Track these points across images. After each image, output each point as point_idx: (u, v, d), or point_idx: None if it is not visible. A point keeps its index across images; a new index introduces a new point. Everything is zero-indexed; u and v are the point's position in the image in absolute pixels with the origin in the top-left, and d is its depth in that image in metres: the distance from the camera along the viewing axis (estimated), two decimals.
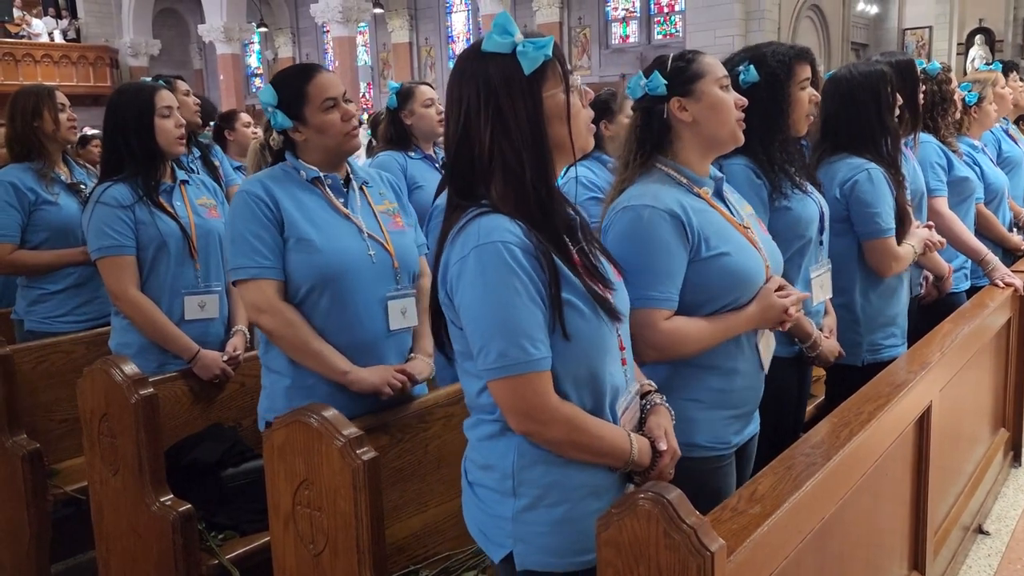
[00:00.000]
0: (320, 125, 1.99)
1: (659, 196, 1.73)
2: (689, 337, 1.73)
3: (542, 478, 1.39)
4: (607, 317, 1.38)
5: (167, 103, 2.54)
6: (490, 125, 1.34)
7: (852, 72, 2.58)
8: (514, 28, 1.34)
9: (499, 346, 1.31)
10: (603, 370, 1.40)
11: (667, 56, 1.85)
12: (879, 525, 2.10)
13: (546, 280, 1.32)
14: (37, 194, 3.00)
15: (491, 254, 1.30)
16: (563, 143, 1.38)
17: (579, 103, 1.40)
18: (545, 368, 1.33)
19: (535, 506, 1.40)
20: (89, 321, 3.07)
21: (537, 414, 1.34)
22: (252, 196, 1.94)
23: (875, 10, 16.99)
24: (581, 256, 1.41)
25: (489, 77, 1.34)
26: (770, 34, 12.68)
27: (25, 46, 18.32)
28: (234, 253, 1.96)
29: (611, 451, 1.40)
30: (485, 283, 1.31)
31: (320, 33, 21.94)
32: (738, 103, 1.81)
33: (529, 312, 1.30)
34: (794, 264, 2.21)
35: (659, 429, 1.48)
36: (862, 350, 2.54)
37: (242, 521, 2.30)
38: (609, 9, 18.47)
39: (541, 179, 1.35)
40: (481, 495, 1.45)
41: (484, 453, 1.44)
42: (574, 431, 1.36)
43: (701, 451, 1.79)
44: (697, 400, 1.79)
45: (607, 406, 1.42)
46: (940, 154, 3.13)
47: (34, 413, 2.74)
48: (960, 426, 2.79)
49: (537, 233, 1.34)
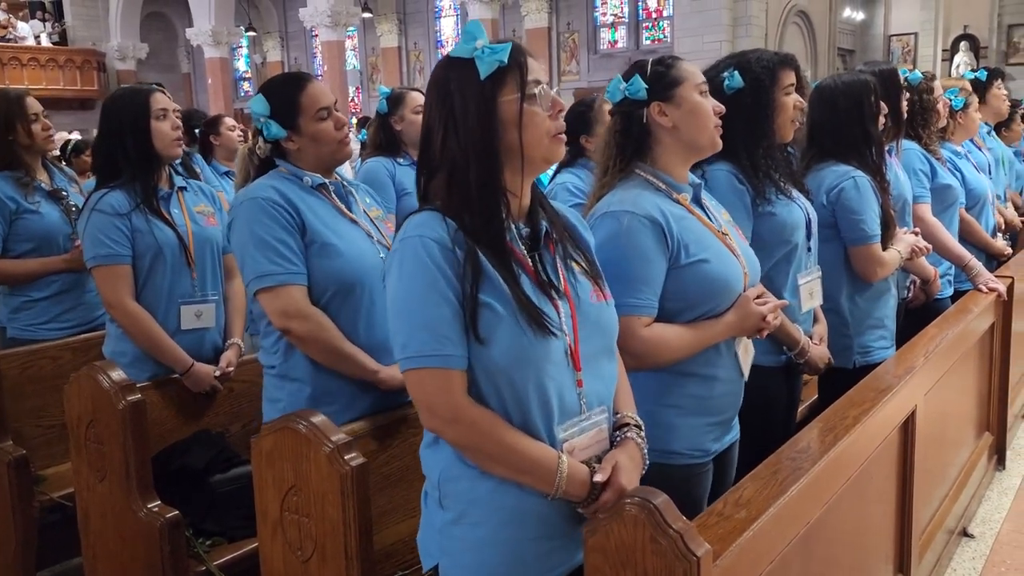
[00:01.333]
0: (315, 134, 2.00)
1: (639, 202, 1.73)
2: (668, 344, 1.73)
3: (466, 493, 1.37)
4: (534, 329, 1.32)
5: (162, 105, 2.52)
6: (442, 124, 1.37)
7: (837, 82, 2.62)
8: (481, 35, 1.37)
9: (404, 337, 1.33)
10: (526, 383, 1.33)
11: (646, 60, 1.85)
12: (865, 529, 2.11)
13: (462, 279, 1.31)
14: (18, 203, 2.96)
15: (410, 249, 1.32)
16: (515, 149, 1.37)
17: (539, 113, 1.38)
18: (452, 366, 1.31)
19: (459, 521, 1.38)
20: (73, 328, 3.05)
21: (440, 410, 1.32)
22: (270, 202, 1.93)
23: (861, 16, 17.13)
24: (535, 263, 1.39)
25: (448, 80, 1.38)
26: (757, 40, 12.75)
27: (11, 49, 18.20)
28: (256, 260, 1.92)
29: (530, 469, 1.33)
30: (400, 275, 1.33)
31: (309, 37, 21.90)
32: (716, 109, 1.82)
33: (437, 308, 1.30)
34: (781, 271, 2.23)
35: (608, 461, 1.38)
36: (852, 353, 2.56)
37: (230, 527, 2.29)
38: (598, 14, 18.52)
39: (486, 180, 1.35)
40: (427, 503, 1.45)
41: (423, 462, 1.45)
42: (480, 436, 1.32)
43: (679, 458, 1.79)
44: (676, 406, 1.79)
45: (540, 426, 1.35)
46: (923, 161, 3.17)
47: (20, 419, 2.72)
48: (945, 430, 2.81)
49: (472, 233, 1.33)
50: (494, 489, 1.36)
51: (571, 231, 1.52)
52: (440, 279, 1.30)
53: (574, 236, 1.51)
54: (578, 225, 1.57)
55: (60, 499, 2.60)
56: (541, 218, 1.45)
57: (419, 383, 1.33)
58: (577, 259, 1.47)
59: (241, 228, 1.95)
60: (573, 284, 1.43)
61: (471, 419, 1.32)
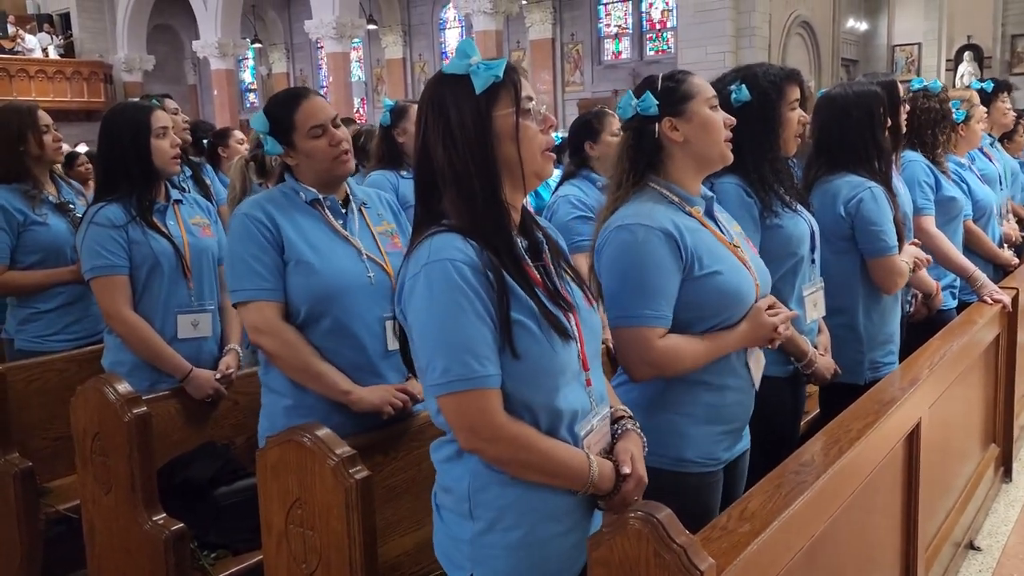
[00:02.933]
0: (308, 151, 2.02)
1: (653, 215, 1.76)
2: (683, 355, 1.75)
3: (497, 500, 1.39)
4: (559, 337, 1.38)
5: (163, 123, 2.55)
6: (442, 142, 1.38)
7: (847, 91, 2.60)
8: (474, 52, 1.39)
9: (443, 362, 1.32)
10: (557, 391, 1.39)
11: (656, 76, 1.87)
12: (870, 542, 2.11)
13: (495, 299, 1.33)
14: (26, 215, 2.99)
15: (439, 272, 1.32)
16: (512, 164, 1.40)
17: (532, 127, 1.41)
18: (491, 385, 1.33)
19: (491, 529, 1.39)
20: (80, 339, 3.07)
21: (482, 431, 1.34)
22: (252, 219, 1.97)
23: (865, 27, 17.14)
24: (541, 275, 1.43)
25: (443, 96, 1.40)
26: (760, 50, 12.77)
27: (19, 62, 18.33)
28: (234, 275, 1.98)
29: (566, 472, 1.38)
30: (432, 301, 1.33)
31: (314, 49, 22.02)
32: (727, 122, 1.84)
33: (475, 329, 1.31)
34: (787, 282, 2.24)
35: (625, 453, 1.46)
36: (864, 368, 2.54)
37: (235, 540, 2.29)
38: (601, 26, 18.59)
39: (489, 194, 1.38)
40: (445, 517, 1.46)
41: (444, 475, 1.46)
42: (522, 450, 1.35)
43: (691, 466, 1.81)
44: (688, 415, 1.81)
45: (564, 428, 1.41)
46: (928, 173, 3.17)
47: (26, 431, 2.72)
48: (950, 442, 2.80)
49: (491, 251, 1.35)
50: (524, 493, 1.39)
51: (556, 242, 1.56)
52: (476, 300, 1.32)
53: (558, 247, 1.55)
54: (555, 235, 1.60)
55: (66, 511, 2.60)
56: (535, 231, 1.49)
57: (460, 406, 1.34)
58: (566, 268, 1.52)
59: (228, 243, 2.04)
60: (571, 292, 1.48)
61: (512, 436, 1.35)
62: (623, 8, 18.31)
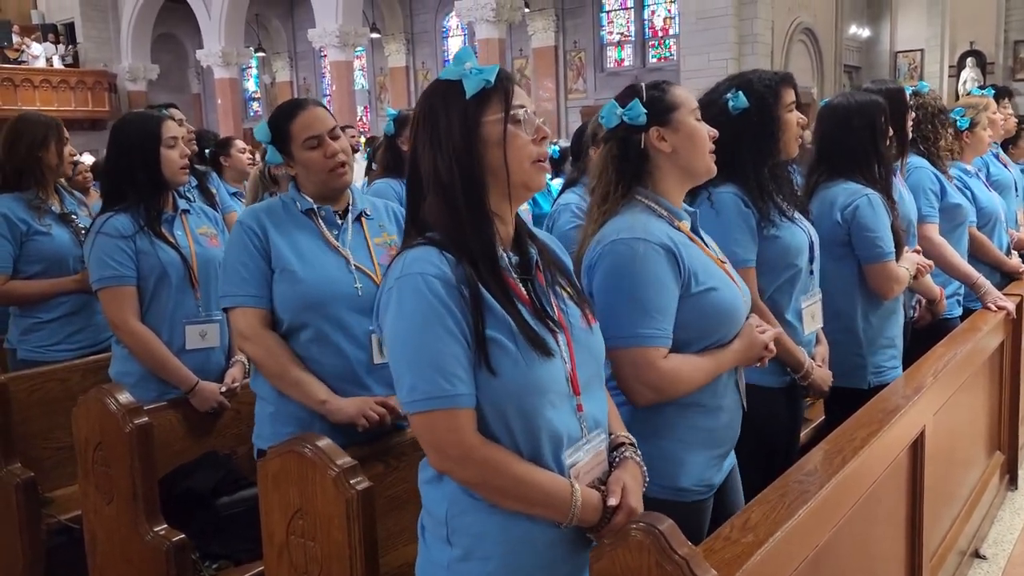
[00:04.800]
0: (304, 162, 2.04)
1: (650, 229, 1.70)
2: (686, 376, 1.68)
3: (474, 527, 1.34)
4: (538, 355, 1.31)
5: (173, 133, 2.56)
6: (428, 141, 1.36)
7: (850, 100, 2.62)
8: (470, 58, 1.38)
9: (411, 379, 1.28)
10: (538, 413, 1.31)
11: (639, 85, 1.82)
12: (874, 551, 2.09)
13: (469, 314, 1.28)
14: (29, 225, 3.00)
15: (410, 286, 1.29)
16: (499, 171, 1.35)
17: (522, 136, 1.36)
18: (461, 405, 1.27)
19: (468, 557, 1.34)
20: (82, 349, 3.07)
21: (451, 451, 1.28)
22: (245, 227, 2.01)
23: (867, 33, 17.15)
24: (529, 291, 1.37)
25: (434, 101, 1.38)
26: (763, 57, 12.78)
27: (24, 71, 18.43)
28: (224, 281, 2.04)
29: (544, 501, 1.31)
30: (402, 315, 1.29)
31: (317, 57, 22.08)
32: (711, 134, 1.80)
33: (445, 346, 1.26)
34: (784, 293, 2.22)
35: (616, 484, 1.37)
36: (867, 372, 2.54)
37: (236, 550, 2.28)
38: (604, 33, 18.63)
39: (472, 202, 1.33)
40: (428, 540, 1.41)
41: (425, 497, 1.42)
42: (492, 473, 1.29)
43: (688, 495, 1.75)
44: (684, 441, 1.74)
45: (548, 454, 1.33)
46: (933, 180, 3.16)
47: (29, 441, 2.72)
48: (955, 450, 2.79)
49: (468, 265, 1.31)
50: (504, 521, 1.33)
51: (554, 257, 1.50)
52: (447, 316, 1.27)
53: (558, 263, 1.50)
54: (557, 250, 1.55)
55: (68, 521, 2.60)
56: (529, 246, 1.43)
57: (428, 425, 1.29)
58: (564, 285, 1.46)
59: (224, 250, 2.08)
60: (564, 311, 1.42)
61: (483, 458, 1.29)
62: (625, 16, 18.36)
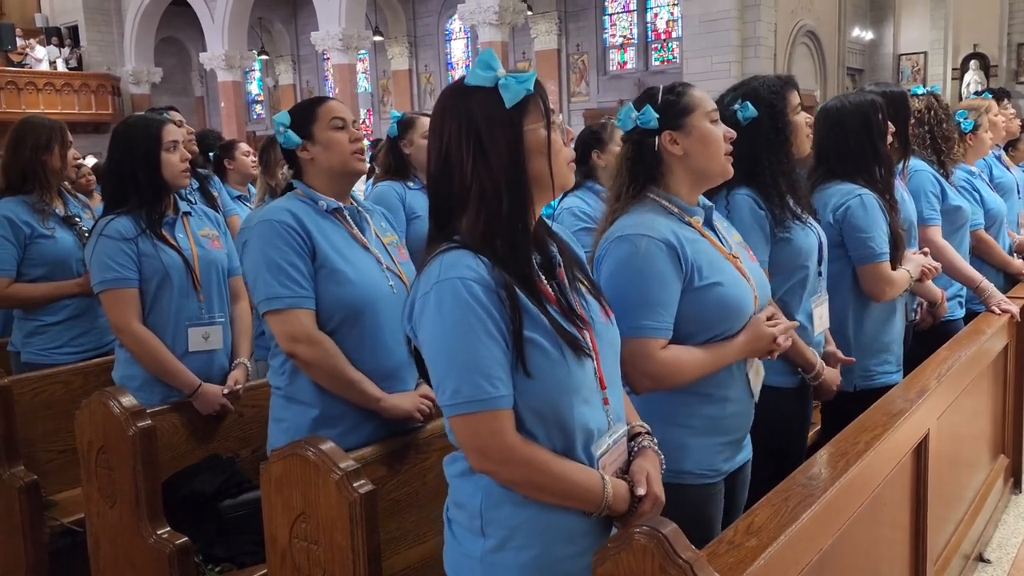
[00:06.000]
0: (327, 142, 2.03)
1: (655, 225, 1.74)
2: (684, 367, 1.73)
3: (509, 519, 1.37)
4: (574, 355, 1.35)
5: (173, 137, 2.56)
6: (471, 156, 1.34)
7: (843, 102, 2.63)
8: (497, 64, 1.36)
9: (454, 383, 1.30)
10: (571, 410, 1.35)
11: (656, 88, 1.86)
12: (878, 555, 2.09)
13: (507, 317, 1.30)
14: (32, 228, 3.00)
15: (449, 291, 1.29)
16: (543, 178, 1.38)
17: (560, 140, 1.40)
18: (503, 406, 1.30)
19: (503, 547, 1.37)
20: (86, 352, 3.08)
21: (493, 453, 1.31)
22: (283, 225, 1.94)
23: (870, 36, 17.14)
24: (556, 292, 1.40)
25: (471, 110, 1.35)
26: (766, 60, 12.78)
27: (28, 74, 18.45)
28: (267, 282, 1.93)
29: (580, 494, 1.35)
30: (443, 319, 1.30)
31: (320, 60, 22.10)
32: (727, 136, 1.82)
33: (486, 349, 1.29)
34: (795, 295, 2.23)
35: (641, 473, 1.42)
36: (854, 375, 2.55)
37: (239, 553, 2.29)
38: (607, 36, 18.63)
39: (518, 212, 1.35)
40: (457, 533, 1.43)
41: (456, 490, 1.44)
42: (534, 472, 1.33)
43: (691, 478, 1.79)
44: (687, 426, 1.79)
45: (579, 448, 1.38)
46: (934, 183, 3.16)
47: (32, 444, 2.73)
48: (959, 453, 2.78)
49: (503, 268, 1.32)
50: (537, 513, 1.36)
51: (572, 253, 1.52)
52: (487, 319, 1.29)
53: (575, 257, 1.52)
54: (572, 243, 1.57)
55: (71, 524, 2.60)
56: (549, 244, 1.46)
57: (471, 427, 1.31)
58: (582, 279, 1.49)
59: (254, 249, 1.96)
60: (586, 307, 1.44)
61: (523, 458, 1.32)
62: (628, 18, 18.35)
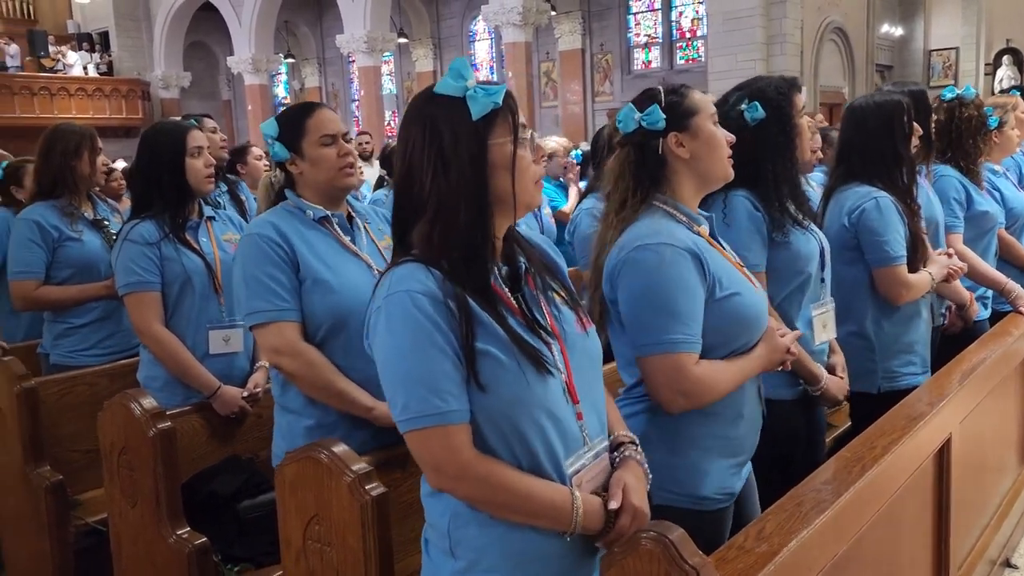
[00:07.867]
0: (315, 158, 2.02)
1: (675, 234, 1.69)
2: (720, 382, 1.67)
3: (475, 540, 1.32)
4: (534, 368, 1.29)
5: (198, 143, 2.60)
6: (431, 165, 1.30)
7: (868, 102, 2.60)
8: (469, 74, 1.32)
9: (403, 398, 1.27)
10: (536, 425, 1.30)
11: (656, 89, 1.81)
12: (899, 561, 2.06)
13: (458, 330, 1.26)
14: (61, 231, 3.07)
15: (397, 304, 1.27)
16: (506, 195, 1.33)
17: (528, 157, 1.35)
18: (455, 421, 1.26)
19: (472, 569, 1.33)
20: (113, 354, 3.13)
21: (448, 469, 1.27)
22: (264, 238, 1.95)
23: (900, 32, 16.89)
24: (521, 304, 1.35)
25: (436, 118, 1.31)
26: (792, 57, 12.64)
27: (60, 80, 18.78)
28: (248, 296, 1.95)
29: (546, 512, 1.29)
30: (391, 334, 1.28)
31: (346, 63, 22.26)
32: (728, 139, 1.79)
33: (435, 363, 1.25)
34: (794, 301, 2.19)
35: (617, 485, 1.35)
36: (877, 377, 2.51)
37: (258, 553, 2.31)
38: (631, 35, 18.55)
39: (477, 224, 1.30)
40: (431, 554, 1.40)
41: (428, 510, 1.41)
42: (492, 489, 1.28)
43: (710, 503, 1.74)
44: (706, 449, 1.74)
45: (547, 464, 1.32)
46: (959, 189, 3.11)
47: (58, 444, 2.78)
48: (984, 457, 2.73)
49: (457, 281, 1.28)
50: (506, 533, 1.32)
51: (545, 260, 1.47)
52: (435, 333, 1.25)
53: (549, 265, 1.47)
54: (549, 250, 1.52)
55: (95, 524, 2.64)
56: (518, 255, 1.41)
57: (423, 443, 1.28)
58: (556, 289, 1.44)
59: (238, 264, 1.99)
60: (558, 318, 1.40)
61: (480, 474, 1.28)
62: (653, 17, 18.26)
